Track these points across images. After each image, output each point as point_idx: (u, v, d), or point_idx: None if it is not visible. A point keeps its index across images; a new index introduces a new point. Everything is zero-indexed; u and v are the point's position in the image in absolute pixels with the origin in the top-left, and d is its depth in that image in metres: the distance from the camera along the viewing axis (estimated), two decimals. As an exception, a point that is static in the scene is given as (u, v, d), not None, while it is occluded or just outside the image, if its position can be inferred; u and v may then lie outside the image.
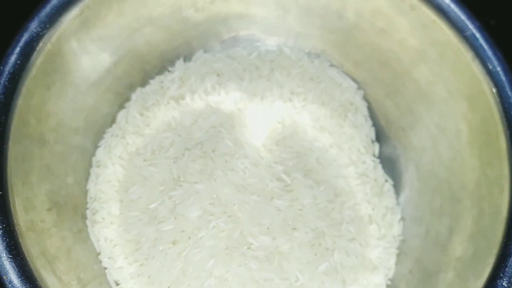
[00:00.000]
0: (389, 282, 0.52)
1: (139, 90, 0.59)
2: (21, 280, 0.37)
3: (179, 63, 0.60)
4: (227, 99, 0.58)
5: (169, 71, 0.60)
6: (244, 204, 0.51)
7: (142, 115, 0.57)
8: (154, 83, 0.59)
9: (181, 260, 0.48)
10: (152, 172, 0.52)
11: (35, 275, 0.38)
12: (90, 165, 0.54)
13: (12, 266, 0.37)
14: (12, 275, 0.37)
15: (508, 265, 0.40)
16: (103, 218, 0.51)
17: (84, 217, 0.51)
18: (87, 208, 0.52)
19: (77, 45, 0.49)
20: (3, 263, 0.37)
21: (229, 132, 0.56)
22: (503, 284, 0.39)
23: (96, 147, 0.55)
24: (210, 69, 0.60)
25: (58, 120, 0.49)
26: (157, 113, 0.57)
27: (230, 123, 0.56)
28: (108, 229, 0.51)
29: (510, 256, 0.40)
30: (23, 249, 0.39)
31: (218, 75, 0.60)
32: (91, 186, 0.53)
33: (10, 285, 0.37)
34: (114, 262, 0.49)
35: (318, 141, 0.58)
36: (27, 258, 0.39)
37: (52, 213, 0.47)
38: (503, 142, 0.45)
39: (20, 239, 0.39)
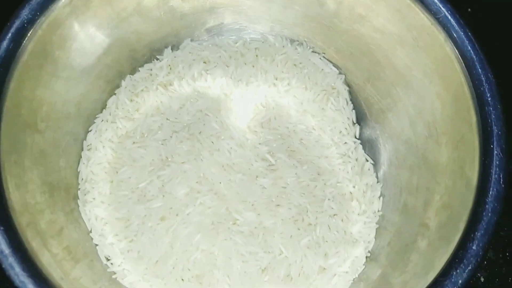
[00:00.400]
0: (368, 254, 0.54)
1: (128, 78, 0.61)
2: (12, 251, 0.39)
3: (167, 51, 0.63)
4: (214, 84, 0.60)
5: (157, 59, 0.63)
6: (230, 183, 0.54)
7: (131, 100, 0.59)
8: (143, 71, 0.61)
9: (169, 235, 0.50)
10: (141, 153, 0.55)
11: (26, 246, 0.40)
12: (81, 149, 0.56)
13: (4, 237, 0.39)
14: (3, 246, 0.39)
15: (478, 229, 0.42)
16: (94, 198, 0.53)
17: (75, 198, 0.53)
18: (78, 189, 0.54)
19: (67, 32, 0.52)
20: (-4, 234, 0.39)
21: (216, 116, 0.58)
22: (473, 247, 0.41)
23: (87, 131, 0.57)
24: (197, 56, 0.62)
25: (50, 104, 0.51)
26: (146, 98, 0.59)
27: (217, 107, 0.59)
28: (98, 208, 0.53)
29: (480, 222, 0.42)
30: (14, 222, 0.41)
31: (205, 62, 0.62)
32: (82, 168, 0.55)
33: (1, 255, 0.39)
34: (105, 239, 0.51)
35: (302, 123, 0.60)
36: (19, 231, 0.41)
37: (45, 193, 0.49)
38: (473, 116, 0.47)
39: (11, 213, 0.41)
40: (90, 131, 0.57)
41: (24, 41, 0.47)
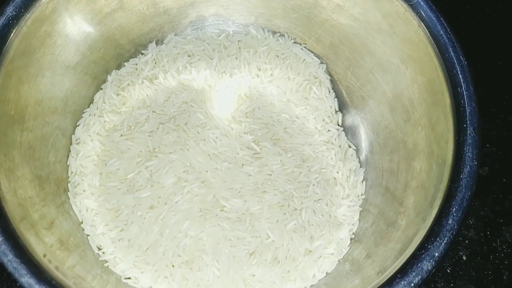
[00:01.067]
0: (353, 236, 0.56)
1: (114, 72, 0.62)
2: (4, 239, 0.40)
3: (152, 46, 0.64)
4: (198, 77, 0.62)
5: (142, 54, 0.64)
6: (216, 171, 0.55)
7: (118, 95, 0.60)
8: (128, 66, 0.63)
9: (158, 223, 0.52)
10: (129, 145, 0.56)
11: (19, 235, 0.41)
12: (70, 143, 0.57)
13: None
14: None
15: (453, 205, 0.44)
16: (84, 190, 0.55)
17: (66, 191, 0.55)
18: (68, 182, 0.55)
19: (51, 29, 0.53)
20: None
21: (200, 107, 0.59)
22: (449, 222, 0.43)
23: (75, 126, 0.59)
24: (181, 50, 0.64)
25: (37, 100, 0.53)
26: (132, 92, 0.60)
27: (201, 99, 0.60)
28: (89, 200, 0.54)
29: (454, 197, 0.44)
30: (7, 214, 0.42)
31: (189, 55, 0.64)
32: (71, 162, 0.56)
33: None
34: (96, 229, 0.53)
35: (285, 112, 0.62)
36: (12, 222, 0.42)
37: (36, 187, 0.50)
38: (447, 98, 0.49)
39: (4, 204, 0.42)
40: (78, 125, 0.58)
41: (10, 38, 0.48)
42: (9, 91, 0.48)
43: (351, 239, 0.55)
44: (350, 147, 0.62)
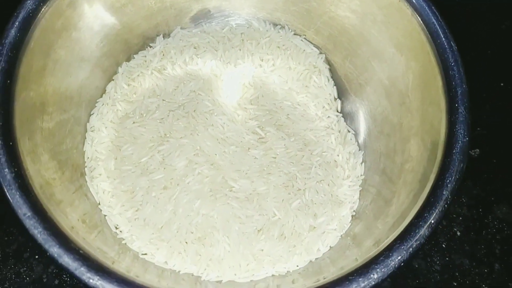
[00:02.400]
0: (354, 213, 0.59)
1: (124, 64, 0.65)
2: (33, 214, 0.43)
3: (159, 39, 0.67)
4: (204, 67, 0.65)
5: (150, 46, 0.67)
6: (224, 154, 0.58)
7: (129, 85, 0.64)
8: (138, 58, 0.66)
9: (172, 203, 0.55)
10: (141, 131, 0.59)
11: (46, 210, 0.44)
12: (85, 130, 0.61)
13: (25, 201, 0.43)
14: (25, 209, 0.43)
15: (446, 177, 0.47)
16: (100, 174, 0.58)
17: (83, 175, 0.58)
18: (85, 167, 0.58)
19: (68, 22, 0.56)
20: (17, 199, 0.43)
21: (208, 95, 0.63)
22: (443, 192, 0.47)
23: (89, 115, 0.62)
24: (187, 43, 0.67)
25: (55, 89, 0.56)
26: (142, 82, 0.64)
27: (208, 87, 0.64)
28: (105, 183, 0.57)
29: (448, 170, 0.48)
30: (34, 190, 0.45)
31: (195, 47, 0.67)
32: (87, 148, 0.59)
33: (24, 217, 0.43)
34: (113, 210, 0.56)
35: (287, 100, 0.65)
36: (39, 198, 0.45)
37: (56, 170, 0.53)
38: (439, 81, 0.53)
39: (30, 182, 0.45)
40: (92, 114, 0.62)
41: (30, 29, 0.51)
42: (31, 81, 0.51)
43: (352, 216, 0.59)
44: (349, 131, 0.65)
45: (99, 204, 0.57)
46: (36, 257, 0.59)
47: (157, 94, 0.63)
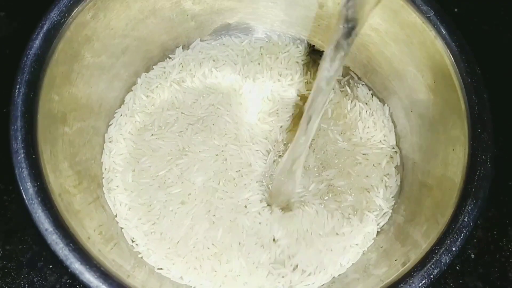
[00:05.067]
0: (379, 230, 0.59)
1: (143, 75, 0.65)
2: (54, 229, 0.43)
3: (179, 50, 0.67)
4: (223, 81, 0.65)
5: (170, 58, 0.67)
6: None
7: (147, 96, 0.64)
8: (157, 69, 0.66)
9: (189, 218, 0.55)
10: (159, 144, 0.59)
11: (67, 224, 0.44)
12: (103, 141, 0.61)
13: (47, 215, 0.43)
14: (47, 224, 0.43)
15: (468, 203, 0.47)
16: (118, 186, 0.58)
17: (100, 186, 0.58)
18: (102, 178, 0.58)
19: (91, 33, 0.56)
20: (39, 214, 0.43)
21: (227, 109, 0.63)
22: (465, 219, 0.47)
23: (107, 125, 0.62)
24: (206, 55, 0.67)
25: (76, 100, 0.56)
26: (161, 94, 0.64)
27: (227, 101, 0.64)
28: (122, 195, 0.57)
29: (470, 196, 0.47)
30: (55, 203, 0.45)
31: (214, 60, 0.67)
32: (105, 159, 0.59)
33: (46, 232, 0.43)
34: (130, 223, 0.56)
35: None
36: (58, 211, 0.45)
37: (75, 180, 0.53)
38: (462, 105, 0.53)
39: (51, 194, 0.45)
40: (110, 124, 0.62)
41: (54, 41, 0.51)
42: (53, 92, 0.51)
43: (377, 232, 0.59)
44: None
45: (115, 216, 0.56)
46: (50, 266, 0.59)
47: (176, 106, 0.63)
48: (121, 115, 0.62)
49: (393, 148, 0.63)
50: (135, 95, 0.64)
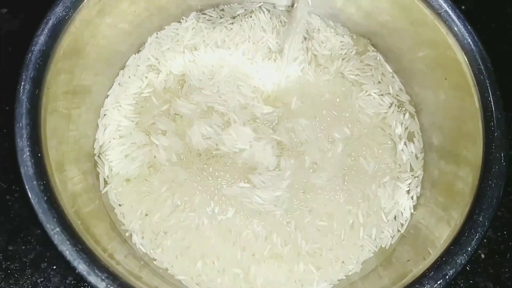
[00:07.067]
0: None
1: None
2: (61, 229, 0.42)
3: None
4: (236, 52, 0.64)
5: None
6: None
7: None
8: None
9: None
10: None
11: (74, 225, 0.43)
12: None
13: (53, 215, 0.42)
14: (54, 224, 0.42)
15: (483, 202, 0.46)
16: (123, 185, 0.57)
17: (106, 184, 0.57)
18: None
19: (96, 29, 0.54)
20: (46, 214, 0.42)
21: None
22: (480, 219, 0.46)
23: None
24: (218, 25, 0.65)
25: (81, 97, 0.55)
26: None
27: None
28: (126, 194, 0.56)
29: (484, 196, 0.47)
30: (61, 203, 0.44)
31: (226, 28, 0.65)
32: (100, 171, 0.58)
33: (53, 233, 0.42)
34: (135, 224, 0.54)
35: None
36: (65, 211, 0.44)
37: (81, 179, 0.52)
38: (475, 102, 0.51)
39: (58, 194, 0.44)
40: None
41: (59, 36, 0.50)
42: (58, 88, 0.50)
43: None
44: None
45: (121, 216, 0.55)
46: (54, 267, 0.58)
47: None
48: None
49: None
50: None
